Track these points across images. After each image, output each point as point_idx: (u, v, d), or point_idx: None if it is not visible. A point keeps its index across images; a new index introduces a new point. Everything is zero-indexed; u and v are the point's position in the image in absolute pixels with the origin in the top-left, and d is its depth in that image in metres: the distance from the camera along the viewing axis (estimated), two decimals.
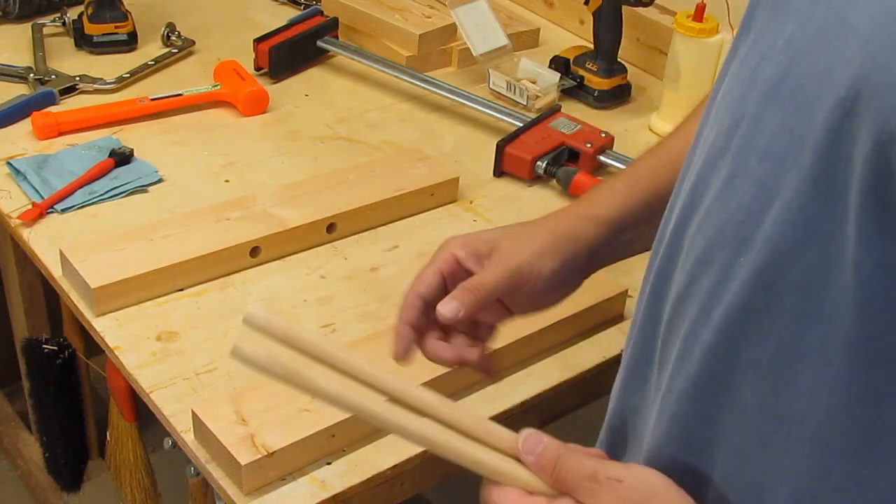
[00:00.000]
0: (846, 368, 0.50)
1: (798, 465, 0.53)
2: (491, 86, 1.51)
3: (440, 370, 0.91)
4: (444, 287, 0.74)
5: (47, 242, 1.10)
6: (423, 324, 0.74)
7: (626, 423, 0.69)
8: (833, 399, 0.51)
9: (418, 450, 0.90)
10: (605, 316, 1.06)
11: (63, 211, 1.15)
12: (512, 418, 0.96)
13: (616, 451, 0.69)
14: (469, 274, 0.74)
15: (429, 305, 0.73)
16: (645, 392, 0.65)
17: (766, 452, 0.55)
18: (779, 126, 0.52)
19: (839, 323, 0.50)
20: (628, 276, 1.10)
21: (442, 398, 0.60)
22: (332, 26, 1.56)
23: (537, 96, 1.47)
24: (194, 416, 0.86)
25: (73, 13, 1.54)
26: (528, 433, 0.59)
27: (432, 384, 0.92)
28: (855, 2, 0.47)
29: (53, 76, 1.40)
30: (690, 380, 0.58)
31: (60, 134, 1.29)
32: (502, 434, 0.58)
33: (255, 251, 1.09)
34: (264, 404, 0.87)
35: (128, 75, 1.43)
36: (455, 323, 0.73)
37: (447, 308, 0.71)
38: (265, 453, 0.82)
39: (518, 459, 0.58)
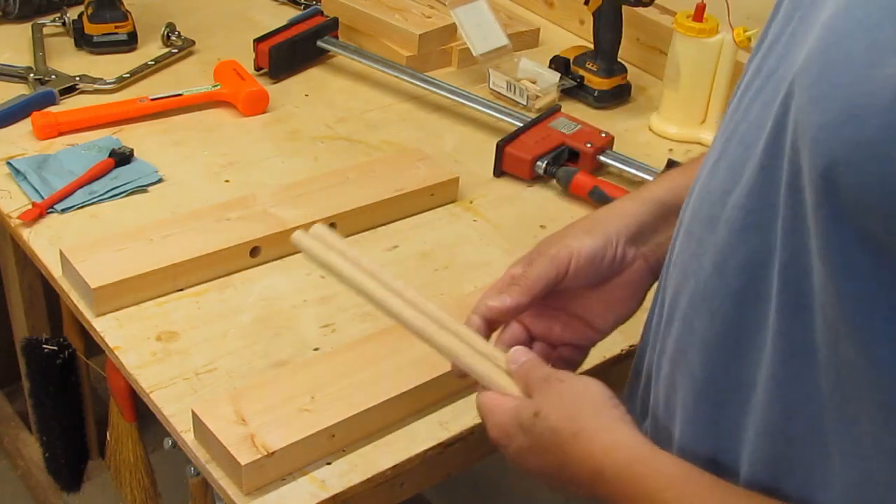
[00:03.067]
0: (778, 351, 0.54)
1: (746, 441, 0.59)
2: (491, 86, 1.51)
3: (444, 370, 0.91)
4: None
5: (47, 242, 1.10)
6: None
7: (642, 374, 0.74)
8: (769, 379, 0.56)
9: (418, 450, 0.90)
10: None
11: (63, 211, 1.15)
12: None
13: (635, 398, 0.75)
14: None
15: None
16: (655, 348, 0.69)
17: (715, 425, 0.61)
18: (756, 115, 0.56)
19: (772, 306, 0.54)
20: None
21: (449, 316, 0.73)
22: (332, 26, 1.56)
23: (537, 96, 1.47)
24: (194, 415, 0.86)
25: (73, 13, 1.54)
26: (518, 348, 0.71)
27: (432, 384, 0.92)
28: (825, 3, 0.51)
29: (53, 76, 1.40)
30: (672, 343, 0.63)
31: (60, 134, 1.29)
32: (498, 352, 0.72)
33: (255, 251, 1.09)
34: (264, 404, 0.87)
35: (128, 75, 1.43)
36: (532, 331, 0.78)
37: (495, 300, 0.75)
38: (265, 453, 0.82)
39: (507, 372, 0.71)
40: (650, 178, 1.28)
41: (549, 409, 0.66)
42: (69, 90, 1.39)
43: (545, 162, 1.29)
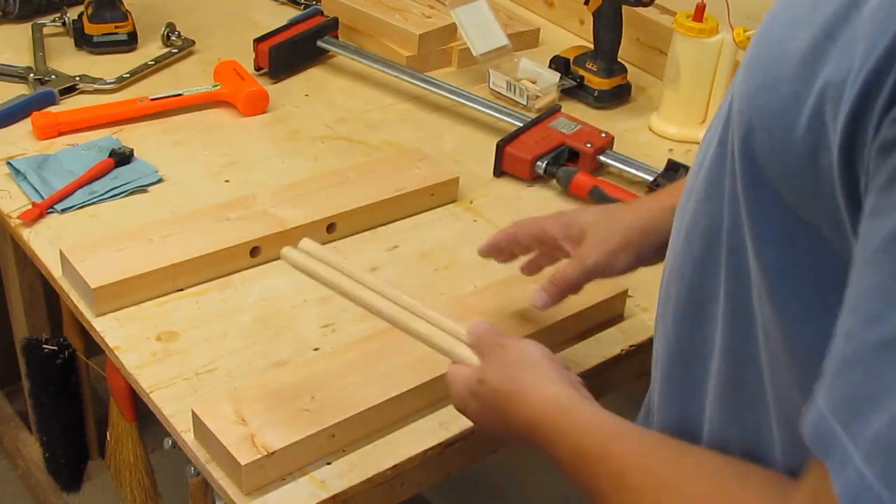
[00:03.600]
0: (727, 315, 0.59)
1: (707, 404, 0.63)
2: (491, 86, 1.51)
3: (443, 370, 0.92)
4: (539, 244, 0.92)
5: (47, 242, 1.10)
6: (506, 251, 0.95)
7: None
8: (721, 342, 0.60)
9: (418, 450, 0.90)
10: (605, 316, 1.06)
11: (63, 211, 1.15)
12: None
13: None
14: (561, 249, 0.90)
15: (517, 245, 0.93)
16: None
17: (683, 389, 0.65)
18: (730, 94, 0.59)
19: (722, 270, 0.58)
20: (628, 277, 1.10)
21: (421, 303, 0.82)
22: (332, 26, 1.56)
23: (537, 96, 1.47)
24: (194, 415, 0.86)
25: (73, 13, 1.54)
26: (477, 321, 0.78)
27: (432, 384, 0.92)
28: None
29: (53, 76, 1.40)
30: (658, 312, 0.69)
31: (60, 134, 1.29)
32: (463, 329, 0.79)
33: (255, 251, 1.09)
34: (264, 404, 0.87)
35: (128, 75, 1.43)
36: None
37: (538, 299, 0.88)
38: (265, 453, 0.82)
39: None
40: (650, 178, 1.28)
41: (491, 373, 0.73)
42: (69, 90, 1.39)
43: (545, 162, 1.29)
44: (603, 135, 1.34)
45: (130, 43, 1.52)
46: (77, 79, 1.40)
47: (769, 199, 0.53)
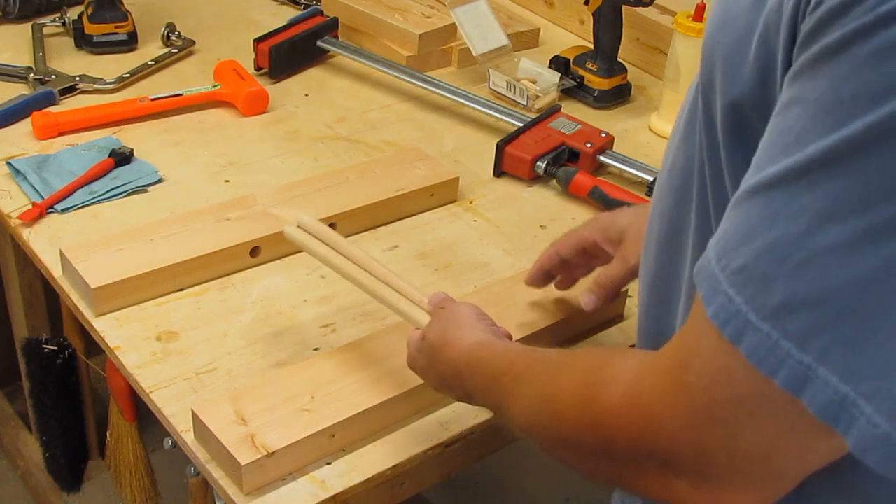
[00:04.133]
0: (695, 246, 0.64)
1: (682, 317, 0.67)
2: (491, 86, 1.51)
3: None
4: (581, 254, 0.95)
5: (47, 242, 1.10)
6: (554, 272, 0.98)
7: None
8: (689, 272, 0.64)
9: (418, 450, 0.90)
10: (604, 316, 1.06)
11: (63, 211, 1.15)
12: None
13: None
14: (602, 252, 0.94)
15: (562, 262, 0.96)
16: None
17: (660, 317, 0.70)
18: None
19: (693, 203, 0.64)
20: None
21: (393, 274, 0.90)
22: (332, 26, 1.56)
23: (537, 96, 1.47)
24: (194, 415, 0.86)
25: (73, 13, 1.54)
26: (437, 292, 0.87)
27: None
28: None
29: (53, 76, 1.40)
30: (643, 248, 0.74)
31: (60, 134, 1.29)
32: (424, 298, 0.88)
33: (255, 251, 1.09)
34: (264, 404, 0.87)
35: (128, 75, 1.43)
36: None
37: (587, 301, 0.94)
38: (265, 453, 0.82)
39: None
40: (650, 178, 1.28)
41: (430, 331, 0.82)
42: (69, 90, 1.39)
43: (545, 162, 1.29)
44: (603, 135, 1.34)
45: (130, 43, 1.52)
46: (77, 79, 1.40)
47: (731, 129, 0.58)
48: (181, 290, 1.05)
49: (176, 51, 1.52)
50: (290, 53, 1.49)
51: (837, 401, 0.48)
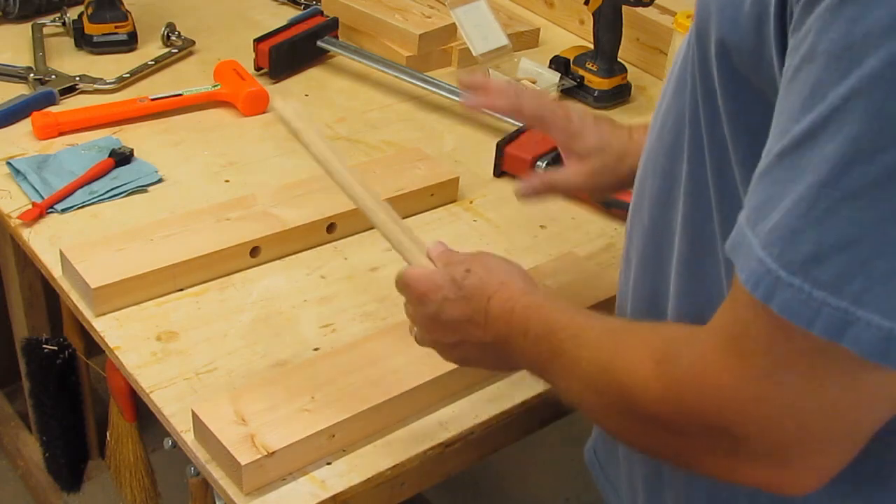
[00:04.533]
0: (688, 194, 0.66)
1: (672, 278, 0.70)
2: None
3: (443, 370, 0.92)
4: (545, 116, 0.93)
5: (47, 242, 1.10)
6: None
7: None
8: (682, 218, 0.67)
9: (418, 450, 0.90)
10: (596, 298, 1.06)
11: (63, 211, 1.15)
12: (512, 418, 0.96)
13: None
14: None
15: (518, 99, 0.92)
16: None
17: (655, 267, 0.72)
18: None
19: (685, 155, 0.66)
20: None
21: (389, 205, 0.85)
22: (332, 26, 1.56)
23: None
24: (194, 416, 0.86)
25: (73, 13, 1.54)
26: (438, 242, 0.82)
27: (432, 384, 0.92)
28: None
29: (53, 76, 1.40)
30: (633, 205, 0.76)
31: (60, 134, 1.29)
32: (422, 242, 0.83)
33: (255, 251, 1.09)
34: (264, 404, 0.87)
35: (128, 75, 1.43)
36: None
37: (521, 186, 0.95)
38: (265, 453, 0.82)
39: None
40: None
41: (479, 267, 0.78)
42: (69, 90, 1.39)
43: (545, 162, 1.29)
44: None
45: (130, 43, 1.52)
46: (77, 79, 1.40)
47: (726, 74, 0.59)
48: (181, 290, 1.05)
49: (176, 51, 1.52)
50: (290, 53, 1.49)
51: (883, 337, 0.48)
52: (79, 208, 1.16)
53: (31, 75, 1.40)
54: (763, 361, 0.53)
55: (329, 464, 0.87)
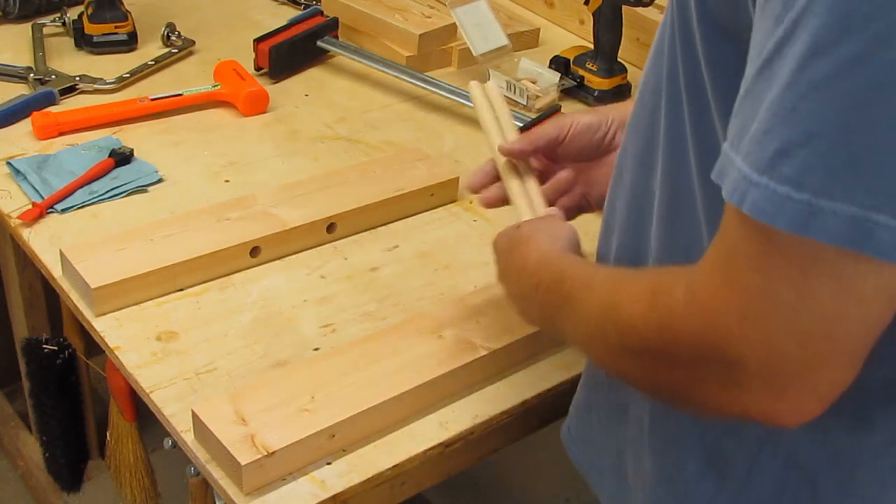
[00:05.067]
0: (666, 150, 0.68)
1: (653, 236, 0.72)
2: None
3: (444, 370, 0.92)
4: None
5: (47, 242, 1.10)
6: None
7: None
8: (662, 175, 0.70)
9: (418, 450, 0.90)
10: None
11: (63, 211, 1.15)
12: (512, 418, 0.96)
13: None
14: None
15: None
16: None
17: (637, 227, 0.74)
18: None
19: (663, 111, 0.68)
20: None
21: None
22: (332, 26, 1.56)
23: (537, 96, 1.47)
24: (194, 415, 0.86)
25: (73, 13, 1.54)
26: (555, 209, 0.91)
27: (432, 384, 0.92)
28: None
29: (53, 76, 1.40)
30: (615, 169, 0.78)
31: (60, 134, 1.29)
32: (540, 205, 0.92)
33: (255, 251, 1.09)
34: (264, 404, 0.87)
35: (128, 75, 1.43)
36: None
37: (505, 142, 0.95)
38: (265, 453, 0.82)
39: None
40: None
41: (526, 225, 0.86)
42: (69, 90, 1.39)
43: None
44: None
45: (130, 43, 1.52)
46: (77, 79, 1.40)
47: (706, 24, 0.61)
48: (181, 290, 1.05)
49: (176, 51, 1.52)
50: (290, 53, 1.49)
51: (851, 223, 0.48)
52: (79, 208, 1.16)
53: (31, 75, 1.40)
54: (754, 278, 0.53)
55: (329, 464, 0.87)
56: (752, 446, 0.69)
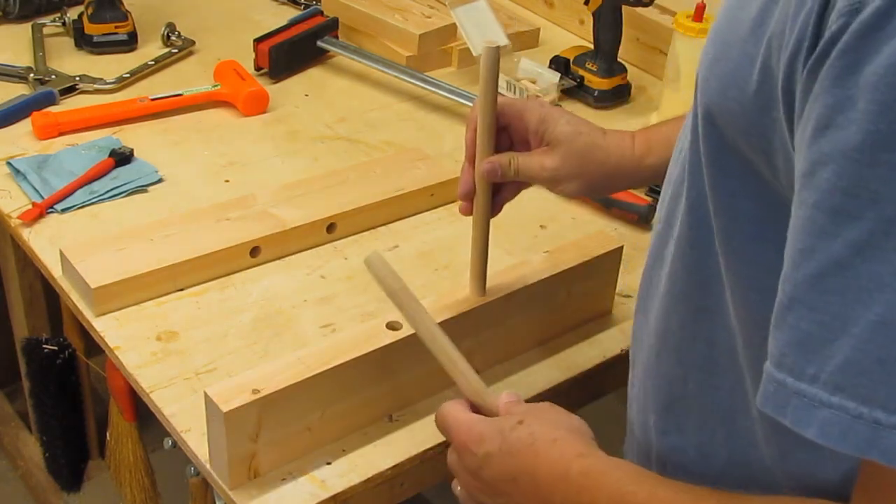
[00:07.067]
0: (682, 237, 0.66)
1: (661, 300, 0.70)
2: None
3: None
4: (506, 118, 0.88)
5: (47, 242, 1.10)
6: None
7: None
8: (675, 250, 0.67)
9: (418, 450, 0.90)
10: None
11: (63, 211, 1.15)
12: None
13: None
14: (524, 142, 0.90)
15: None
16: None
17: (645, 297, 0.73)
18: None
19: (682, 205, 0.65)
20: (629, 279, 1.10)
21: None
22: (332, 26, 1.56)
23: (537, 96, 1.47)
24: (207, 397, 0.85)
25: (73, 13, 1.54)
26: (511, 393, 0.76)
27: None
28: None
29: (53, 76, 1.40)
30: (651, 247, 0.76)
31: (60, 134, 1.29)
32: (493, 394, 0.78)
33: (255, 251, 1.09)
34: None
35: (128, 75, 1.43)
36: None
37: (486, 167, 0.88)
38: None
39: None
40: None
41: (533, 419, 0.69)
42: (69, 90, 1.39)
43: None
44: None
45: (130, 43, 1.52)
46: (77, 79, 1.40)
47: (733, 162, 0.58)
48: (181, 290, 1.05)
49: (176, 51, 1.52)
50: (290, 53, 1.49)
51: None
52: (79, 208, 1.16)
53: (31, 75, 1.40)
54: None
55: (329, 464, 0.87)
56: None
